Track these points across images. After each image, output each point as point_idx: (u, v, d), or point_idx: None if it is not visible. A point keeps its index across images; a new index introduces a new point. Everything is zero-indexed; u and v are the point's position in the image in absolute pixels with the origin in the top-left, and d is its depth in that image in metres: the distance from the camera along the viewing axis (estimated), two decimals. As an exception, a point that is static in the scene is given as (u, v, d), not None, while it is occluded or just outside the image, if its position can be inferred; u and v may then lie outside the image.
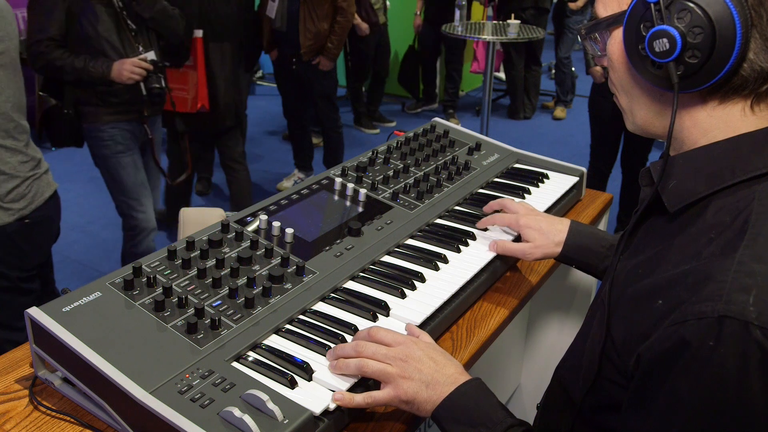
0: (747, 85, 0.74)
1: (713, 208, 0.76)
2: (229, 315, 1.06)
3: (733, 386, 0.65)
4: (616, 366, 0.79)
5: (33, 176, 2.11)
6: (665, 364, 0.69)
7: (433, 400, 0.92)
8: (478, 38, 4.78)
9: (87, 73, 2.73)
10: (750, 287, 0.66)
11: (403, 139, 1.74)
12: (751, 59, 0.72)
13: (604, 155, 3.91)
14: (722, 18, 0.70)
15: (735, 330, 0.64)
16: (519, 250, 1.30)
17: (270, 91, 7.02)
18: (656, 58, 0.75)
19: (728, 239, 0.71)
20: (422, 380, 0.93)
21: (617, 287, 0.84)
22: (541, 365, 2.06)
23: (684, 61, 0.73)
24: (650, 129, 0.85)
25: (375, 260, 1.29)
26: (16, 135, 2.05)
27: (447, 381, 0.93)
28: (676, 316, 0.68)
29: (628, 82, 0.84)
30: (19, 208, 2.07)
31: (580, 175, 1.72)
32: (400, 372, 0.94)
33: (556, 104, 6.55)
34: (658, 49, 0.74)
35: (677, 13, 0.73)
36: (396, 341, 0.98)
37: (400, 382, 0.94)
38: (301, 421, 0.87)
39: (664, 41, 0.73)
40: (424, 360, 0.95)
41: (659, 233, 0.83)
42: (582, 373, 0.88)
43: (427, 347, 0.98)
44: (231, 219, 1.30)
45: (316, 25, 4.06)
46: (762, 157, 0.75)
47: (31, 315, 0.99)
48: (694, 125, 0.79)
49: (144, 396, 0.88)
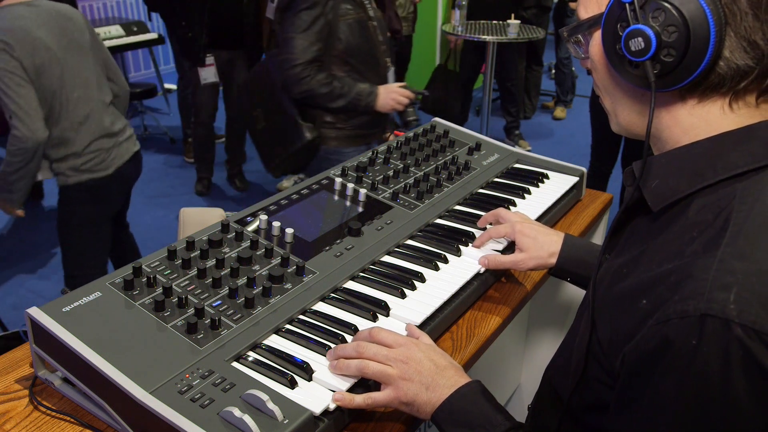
0: (724, 83, 0.74)
1: (695, 207, 0.76)
2: (229, 315, 1.06)
3: (717, 385, 0.65)
4: (602, 366, 0.80)
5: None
6: (649, 363, 0.69)
7: (433, 402, 0.93)
8: (479, 38, 4.78)
9: (352, 104, 2.39)
10: (731, 285, 0.66)
11: (403, 139, 1.74)
12: (727, 57, 0.72)
13: (605, 155, 3.91)
14: (695, 16, 0.71)
15: (716, 328, 0.64)
16: (510, 262, 1.27)
17: (270, 91, 7.01)
18: (632, 57, 0.76)
19: (710, 237, 0.71)
20: (422, 382, 0.93)
21: (602, 287, 0.84)
22: (541, 365, 2.05)
23: (660, 59, 0.74)
24: (633, 129, 0.86)
25: (375, 260, 1.29)
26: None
27: (447, 383, 0.93)
28: (659, 316, 0.69)
29: (610, 83, 0.84)
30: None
31: (580, 175, 1.72)
32: (401, 374, 0.94)
33: (556, 104, 6.55)
34: (634, 48, 0.75)
35: (652, 13, 0.74)
36: (397, 343, 0.98)
37: (400, 383, 0.94)
38: (301, 421, 0.87)
39: (639, 40, 0.74)
40: (425, 362, 0.95)
41: (643, 233, 0.83)
42: (570, 372, 0.88)
43: (427, 349, 0.98)
44: (231, 219, 1.30)
45: None
46: (742, 154, 0.75)
47: (31, 315, 0.99)
48: (675, 124, 0.80)
49: (144, 396, 0.88)
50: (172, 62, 7.05)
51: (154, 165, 5.20)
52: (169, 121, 6.20)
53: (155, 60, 6.27)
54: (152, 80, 6.37)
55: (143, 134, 5.79)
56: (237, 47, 4.31)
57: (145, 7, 6.44)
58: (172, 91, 6.58)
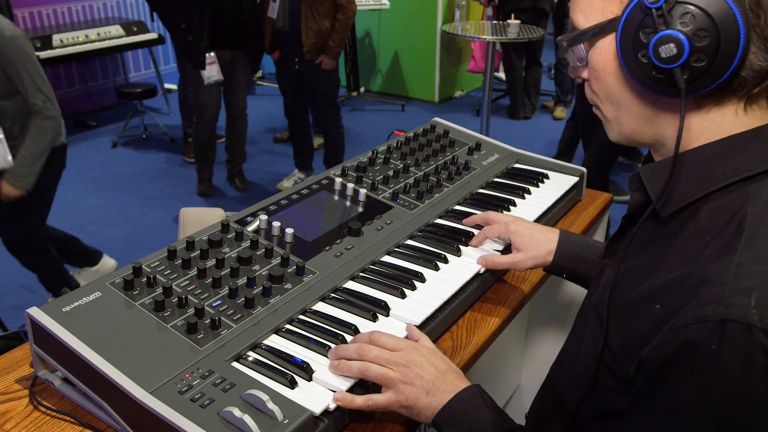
0: (745, 86, 0.73)
1: (706, 211, 0.75)
2: (229, 315, 1.06)
3: (737, 390, 0.64)
4: (614, 373, 0.79)
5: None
6: (668, 368, 0.68)
7: (433, 406, 0.93)
8: (479, 38, 4.78)
9: None
10: (751, 289, 0.65)
11: (403, 139, 1.74)
12: (750, 59, 0.72)
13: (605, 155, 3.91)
14: (725, 20, 0.70)
15: (738, 333, 0.64)
16: (508, 262, 1.26)
17: (270, 91, 7.02)
18: (662, 65, 0.73)
19: (725, 242, 0.70)
20: (423, 387, 0.93)
21: (615, 293, 0.83)
22: (541, 365, 2.06)
23: (689, 65, 0.72)
24: (638, 137, 0.84)
25: (375, 260, 1.29)
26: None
27: (447, 388, 0.93)
28: (676, 321, 0.68)
29: (617, 91, 0.82)
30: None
31: (580, 175, 1.72)
32: (402, 377, 0.94)
33: (556, 104, 6.55)
34: (665, 55, 0.72)
35: (680, 18, 0.72)
36: (398, 347, 0.97)
37: (401, 387, 0.94)
38: (301, 421, 0.87)
39: (670, 47, 0.72)
40: (426, 366, 0.95)
41: (651, 238, 0.82)
42: (576, 380, 0.87)
43: (428, 353, 0.98)
44: (231, 219, 1.30)
45: (318, 24, 4.05)
46: (751, 157, 0.74)
47: (31, 315, 0.99)
48: (686, 130, 0.78)
49: (144, 396, 0.88)
50: (172, 62, 7.06)
51: (154, 165, 5.20)
52: (169, 121, 6.20)
53: (155, 60, 6.27)
54: (152, 80, 6.37)
55: (143, 134, 5.80)
56: (238, 47, 4.30)
57: (145, 7, 6.45)
58: (172, 91, 6.59)
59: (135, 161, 5.29)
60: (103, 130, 5.99)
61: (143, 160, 5.33)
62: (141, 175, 5.00)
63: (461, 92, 7.16)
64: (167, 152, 5.50)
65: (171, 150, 5.55)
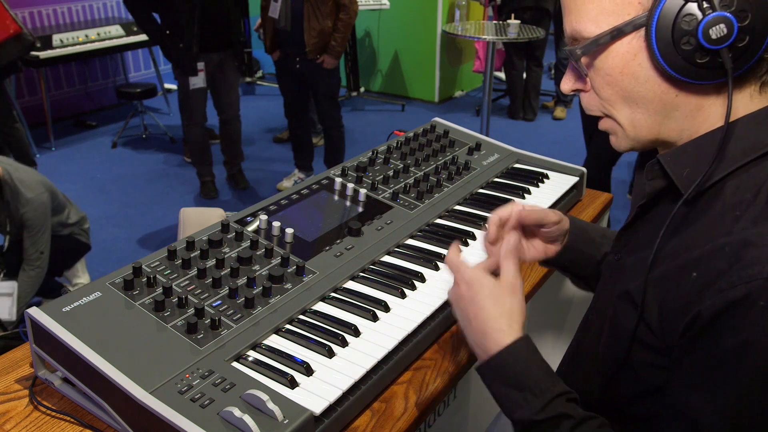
0: (766, 67, 0.76)
1: (730, 188, 0.78)
2: (229, 315, 1.06)
3: None
4: (651, 346, 0.81)
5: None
6: (714, 327, 0.71)
7: (484, 348, 0.89)
8: (479, 38, 4.78)
9: None
10: None
11: (403, 139, 1.74)
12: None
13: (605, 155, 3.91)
14: (758, 0, 0.72)
15: None
16: (541, 209, 1.13)
17: (270, 91, 7.02)
18: (712, 46, 0.73)
19: (757, 212, 0.74)
20: (478, 328, 0.91)
21: (653, 274, 0.83)
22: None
23: (735, 46, 0.74)
24: (650, 135, 0.84)
25: (375, 260, 1.29)
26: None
27: (497, 338, 0.89)
28: (721, 284, 0.71)
29: (636, 90, 0.81)
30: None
31: (580, 175, 1.72)
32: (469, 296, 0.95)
33: (556, 104, 6.54)
34: (715, 36, 0.73)
35: (720, 1, 0.73)
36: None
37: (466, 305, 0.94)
38: (301, 421, 0.87)
39: (721, 27, 0.73)
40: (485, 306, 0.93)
41: (673, 222, 0.83)
42: (599, 368, 0.90)
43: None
44: (231, 219, 1.30)
45: (320, 23, 4.06)
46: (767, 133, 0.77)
47: (31, 315, 0.99)
48: (699, 114, 0.80)
49: (144, 396, 0.88)
50: (172, 62, 7.05)
51: (154, 165, 5.20)
52: (169, 121, 6.20)
53: (155, 60, 6.27)
54: (152, 80, 6.37)
55: (143, 134, 5.80)
56: (225, 48, 4.29)
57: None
58: (172, 91, 6.58)
59: (135, 161, 5.29)
60: (103, 130, 5.99)
61: (143, 160, 5.33)
62: (141, 175, 5.00)
63: (461, 92, 7.16)
64: (167, 152, 5.50)
65: (171, 150, 5.55)
